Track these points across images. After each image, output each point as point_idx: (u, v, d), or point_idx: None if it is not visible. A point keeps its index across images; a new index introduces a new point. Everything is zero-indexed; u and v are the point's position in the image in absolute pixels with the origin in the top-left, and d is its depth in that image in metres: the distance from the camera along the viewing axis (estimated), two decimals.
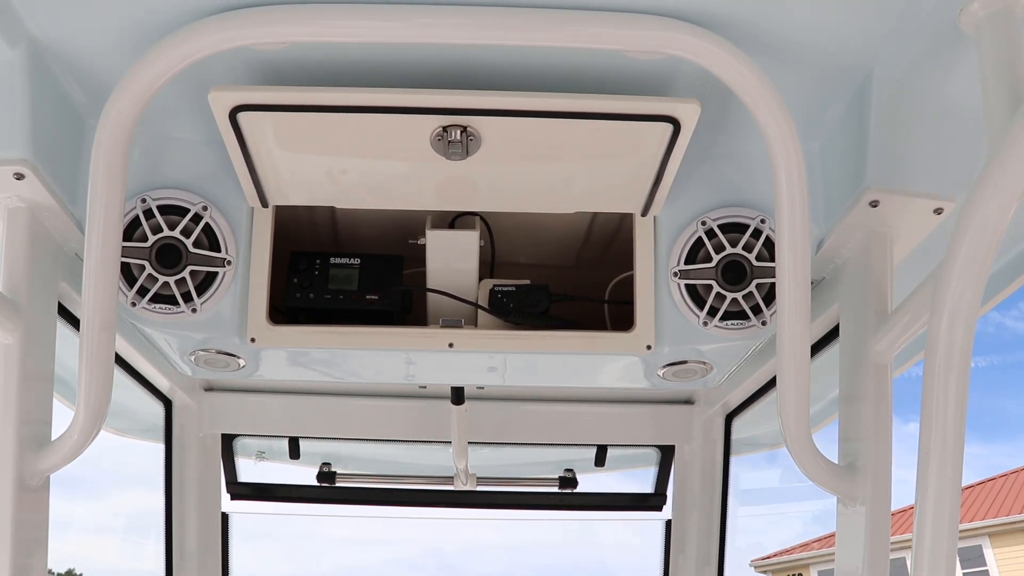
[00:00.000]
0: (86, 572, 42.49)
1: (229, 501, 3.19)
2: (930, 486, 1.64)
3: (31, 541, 1.90)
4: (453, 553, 37.31)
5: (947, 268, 1.53)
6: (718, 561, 3.14)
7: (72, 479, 7.31)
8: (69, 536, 35.05)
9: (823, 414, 2.86)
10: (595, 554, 24.57)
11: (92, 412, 1.85)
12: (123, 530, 22.55)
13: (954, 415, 1.60)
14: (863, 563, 1.88)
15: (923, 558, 1.67)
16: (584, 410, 3.10)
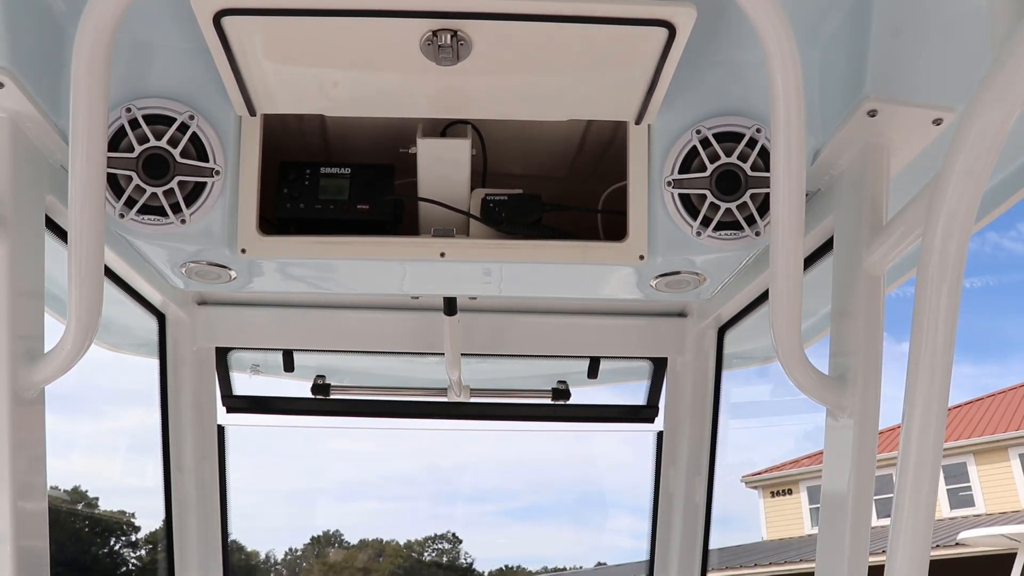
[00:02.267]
0: (91, 490, 43.08)
1: (225, 414, 3.22)
2: (918, 394, 1.66)
3: (31, 458, 1.92)
4: (449, 468, 37.33)
5: (943, 178, 1.51)
6: (708, 472, 3.19)
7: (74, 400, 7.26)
8: (73, 455, 35.31)
9: (814, 330, 2.88)
10: (588, 468, 24.58)
11: (83, 324, 1.85)
12: (125, 448, 22.56)
13: (945, 328, 1.61)
14: (850, 476, 1.91)
15: (908, 471, 1.69)
16: (577, 322, 3.11)
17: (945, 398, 1.67)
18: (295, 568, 65.14)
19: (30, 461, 1.91)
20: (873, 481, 1.94)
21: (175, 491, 3.11)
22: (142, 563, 40.43)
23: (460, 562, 69.42)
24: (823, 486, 2.05)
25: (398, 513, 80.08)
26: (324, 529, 67.49)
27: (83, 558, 39.05)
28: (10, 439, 1.84)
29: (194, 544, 3.13)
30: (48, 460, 1.99)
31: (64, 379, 1.96)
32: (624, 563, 29.05)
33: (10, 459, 1.84)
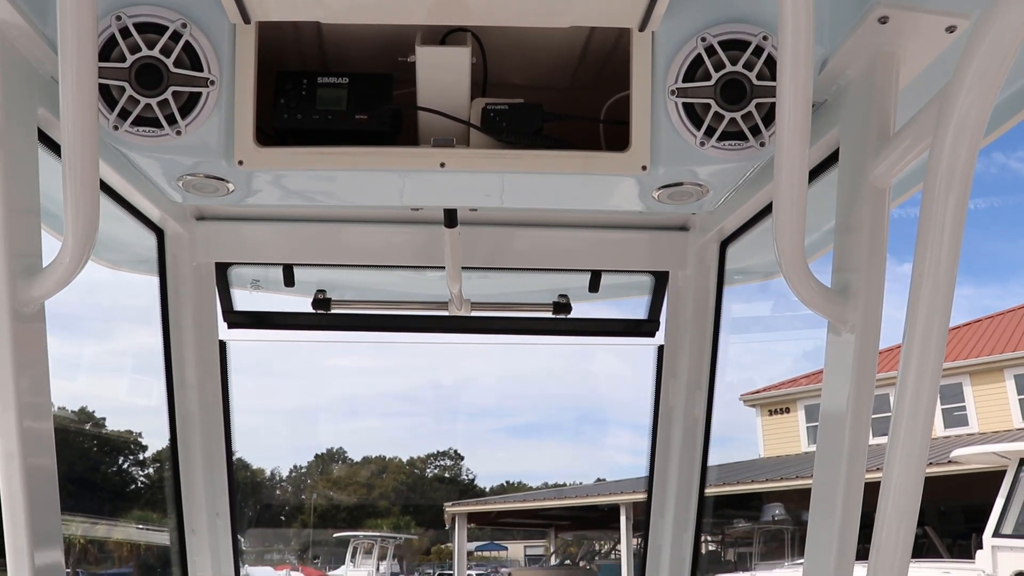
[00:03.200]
0: (98, 410, 43.64)
1: (226, 330, 3.23)
2: (922, 306, 1.65)
3: (34, 377, 1.93)
4: (450, 385, 37.79)
5: (955, 85, 1.48)
6: (708, 387, 3.21)
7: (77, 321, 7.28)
8: (79, 377, 35.77)
9: (817, 245, 2.86)
10: (588, 386, 24.85)
11: (80, 238, 1.84)
12: (130, 369, 22.93)
13: (950, 240, 1.60)
14: (850, 391, 1.92)
15: (908, 382, 1.69)
16: (578, 235, 3.08)
17: (948, 310, 1.66)
18: (300, 484, 66.50)
19: (34, 381, 1.92)
20: (872, 397, 1.94)
21: (179, 408, 3.13)
22: (150, 481, 41.29)
23: (462, 478, 70.89)
24: (822, 401, 2.06)
25: (400, 430, 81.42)
26: (328, 447, 68.79)
27: (92, 476, 39.85)
28: (12, 356, 1.85)
29: (199, 461, 3.17)
30: (54, 382, 2.00)
31: (67, 301, 1.96)
32: (623, 478, 29.61)
33: (14, 378, 1.85)
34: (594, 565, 31.81)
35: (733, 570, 20.62)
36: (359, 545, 33.17)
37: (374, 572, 31.47)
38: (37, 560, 1.90)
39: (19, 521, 1.86)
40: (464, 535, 28.98)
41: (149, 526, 29.51)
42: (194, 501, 3.17)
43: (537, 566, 37.70)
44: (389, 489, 64.01)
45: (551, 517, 33.09)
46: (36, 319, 1.94)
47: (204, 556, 3.19)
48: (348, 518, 53.94)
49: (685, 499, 3.29)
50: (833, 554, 1.99)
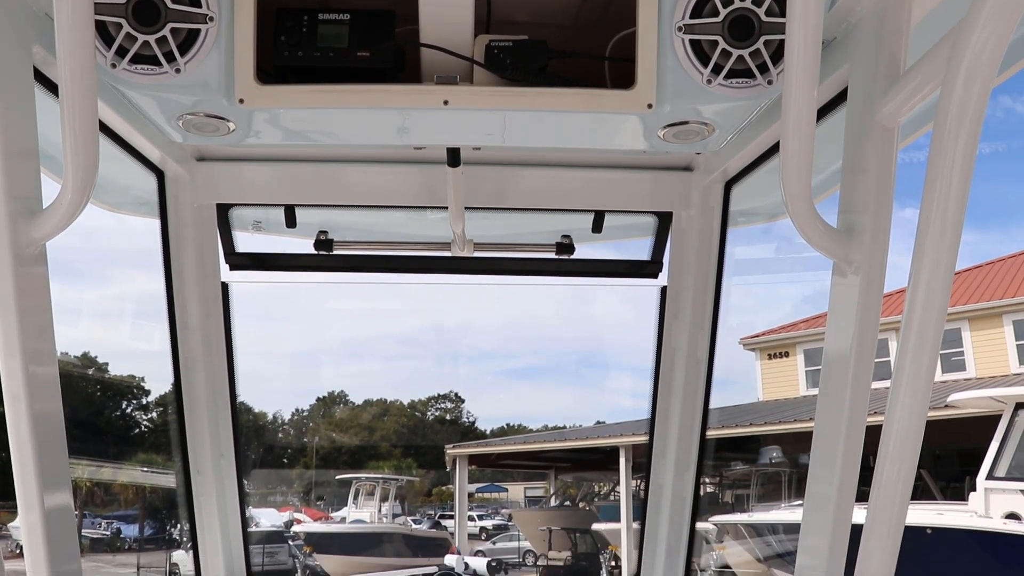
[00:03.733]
0: (101, 355, 43.77)
1: (228, 272, 3.22)
2: (928, 247, 1.64)
3: (38, 323, 1.92)
4: (452, 328, 37.89)
5: (969, 23, 1.45)
6: (711, 328, 3.21)
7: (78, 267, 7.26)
8: (81, 322, 35.87)
9: (823, 187, 2.84)
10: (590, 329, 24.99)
11: (80, 178, 1.82)
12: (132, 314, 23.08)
13: (959, 180, 1.58)
14: (853, 332, 1.92)
15: (912, 324, 1.69)
16: (582, 175, 3.06)
17: (955, 251, 1.65)
18: (302, 428, 67.18)
19: (38, 326, 1.92)
20: (876, 339, 1.95)
21: (182, 350, 3.14)
22: (153, 425, 41.67)
23: (463, 421, 71.54)
24: (826, 343, 2.07)
25: (401, 373, 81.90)
26: (329, 390, 69.33)
27: (97, 420, 40.19)
28: (15, 299, 1.84)
29: (203, 402, 3.19)
30: (56, 327, 2.00)
31: (68, 246, 1.94)
32: (623, 421, 29.90)
33: (18, 321, 1.85)
34: (593, 506, 32.25)
35: (730, 511, 20.90)
36: (361, 487, 33.61)
37: (376, 513, 31.92)
38: (47, 502, 1.92)
39: (28, 465, 1.88)
40: (465, 477, 29.35)
41: (154, 469, 29.91)
42: (199, 442, 3.20)
43: (537, 507, 38.25)
44: (390, 432, 64.64)
45: (551, 459, 33.47)
46: (38, 262, 1.93)
47: (210, 496, 3.23)
48: (350, 460, 54.58)
49: (687, 439, 3.32)
50: (833, 495, 2.01)
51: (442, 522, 37.29)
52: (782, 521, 14.96)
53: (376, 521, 31.28)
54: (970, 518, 11.71)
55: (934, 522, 11.55)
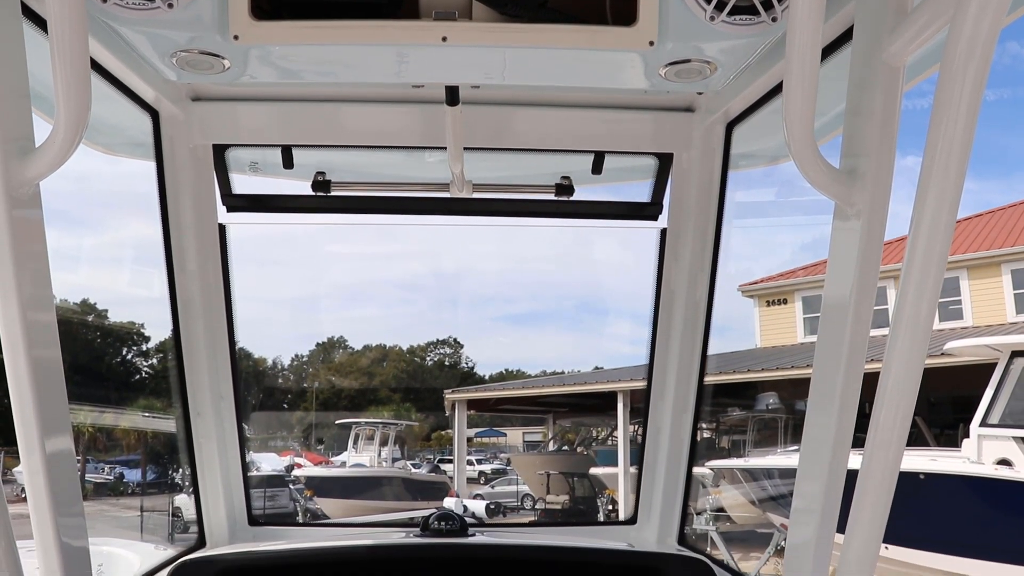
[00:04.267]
0: (100, 302, 43.76)
1: (225, 214, 3.20)
2: (932, 188, 1.62)
3: (35, 270, 1.90)
4: (450, 273, 37.90)
5: None
6: (711, 270, 3.20)
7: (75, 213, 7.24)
8: (80, 269, 35.70)
9: (825, 130, 2.80)
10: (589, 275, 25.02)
11: (73, 117, 1.79)
12: (131, 261, 22.90)
13: (965, 120, 1.56)
14: (854, 276, 1.90)
15: (913, 270, 1.68)
16: (582, 115, 3.02)
17: (959, 193, 1.64)
18: (302, 373, 67.58)
19: (34, 272, 1.90)
20: (876, 283, 1.93)
21: (180, 293, 3.13)
22: (154, 371, 41.85)
23: (462, 366, 71.95)
24: (825, 287, 2.05)
25: (400, 318, 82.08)
26: (329, 335, 69.58)
27: (97, 366, 40.34)
28: (11, 241, 1.82)
29: (202, 345, 3.18)
30: (55, 274, 1.98)
31: (65, 192, 1.91)
32: (622, 367, 30.05)
33: (14, 268, 1.83)
34: (591, 451, 32.56)
35: (727, 456, 21.12)
36: (361, 432, 33.89)
37: (376, 458, 32.24)
38: (48, 448, 1.93)
39: (28, 411, 1.88)
40: (464, 421, 29.57)
41: (155, 414, 30.12)
42: (198, 384, 3.20)
43: (535, 451, 38.63)
44: (390, 377, 65.03)
45: (549, 404, 33.69)
46: (32, 203, 1.91)
47: (210, 439, 3.25)
48: (350, 406, 55.00)
49: (685, 381, 3.32)
50: (830, 441, 2.01)
51: (441, 466, 37.69)
52: (778, 466, 15.12)
53: (376, 465, 31.60)
54: (963, 464, 11.84)
55: (927, 468, 11.69)
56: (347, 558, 2.81)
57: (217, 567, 2.69)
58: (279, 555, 2.79)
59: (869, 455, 1.83)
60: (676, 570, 2.75)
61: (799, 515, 2.19)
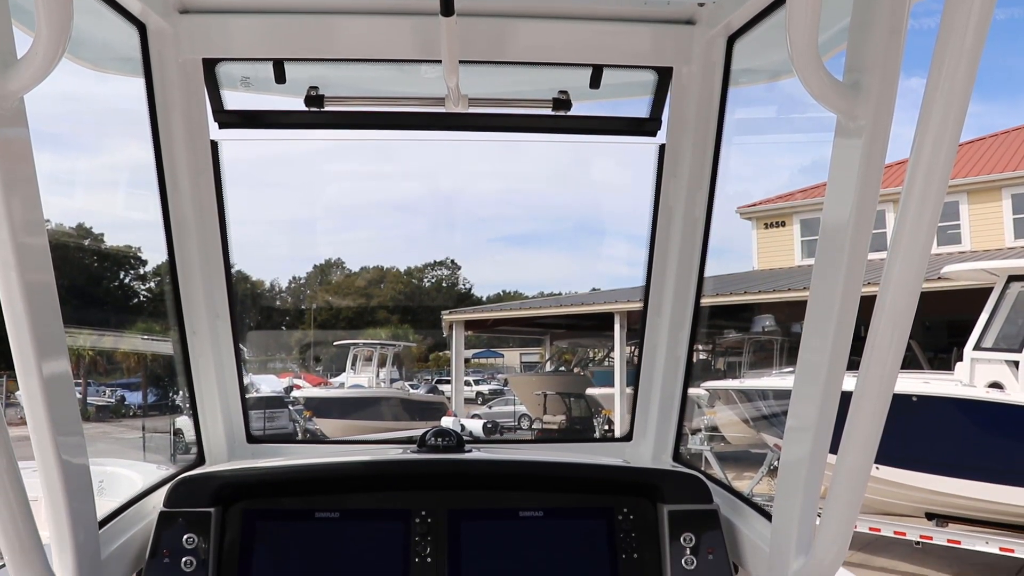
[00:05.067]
0: (96, 226, 43.81)
1: (217, 130, 3.14)
2: (936, 105, 1.59)
3: (25, 194, 1.86)
4: (446, 194, 37.78)
5: None
6: (709, 186, 3.16)
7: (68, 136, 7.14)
8: (75, 193, 35.60)
9: (828, 46, 2.72)
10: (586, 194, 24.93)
11: (55, 26, 1.73)
12: (126, 184, 22.76)
13: (973, 37, 1.52)
14: (854, 195, 1.88)
15: (914, 190, 1.65)
16: (580, 28, 2.94)
17: (963, 111, 1.60)
18: (299, 295, 67.84)
19: (24, 197, 1.87)
20: (876, 202, 1.91)
21: (173, 211, 3.09)
22: (152, 294, 41.95)
23: (459, 287, 72.25)
24: (825, 207, 2.03)
25: (397, 240, 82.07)
26: (326, 257, 69.69)
27: (95, 291, 40.45)
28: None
29: (196, 263, 3.16)
30: (49, 198, 1.95)
31: (57, 114, 1.86)
32: (618, 288, 30.16)
33: (3, 190, 1.80)
34: (588, 372, 32.91)
35: (722, 378, 21.34)
36: (359, 353, 34.19)
37: (374, 378, 32.58)
38: (44, 371, 1.93)
39: (23, 336, 1.87)
40: (461, 342, 29.79)
41: (154, 336, 30.30)
42: (193, 303, 3.19)
43: (533, 372, 39.02)
44: (387, 299, 65.32)
45: (547, 325, 33.93)
46: (17, 119, 1.86)
47: (206, 357, 3.25)
48: (348, 327, 55.37)
49: (682, 298, 3.32)
50: (825, 363, 2.02)
51: (439, 387, 38.13)
52: (772, 387, 15.28)
53: (374, 386, 31.97)
54: (955, 387, 11.97)
55: (920, 390, 11.81)
56: (344, 474, 2.84)
57: (215, 483, 2.72)
58: (277, 471, 2.82)
59: (863, 377, 1.83)
60: (671, 485, 2.78)
61: (793, 434, 2.20)
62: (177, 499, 2.68)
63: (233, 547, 2.65)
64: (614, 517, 2.75)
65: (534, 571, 2.65)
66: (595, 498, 2.79)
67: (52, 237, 1.99)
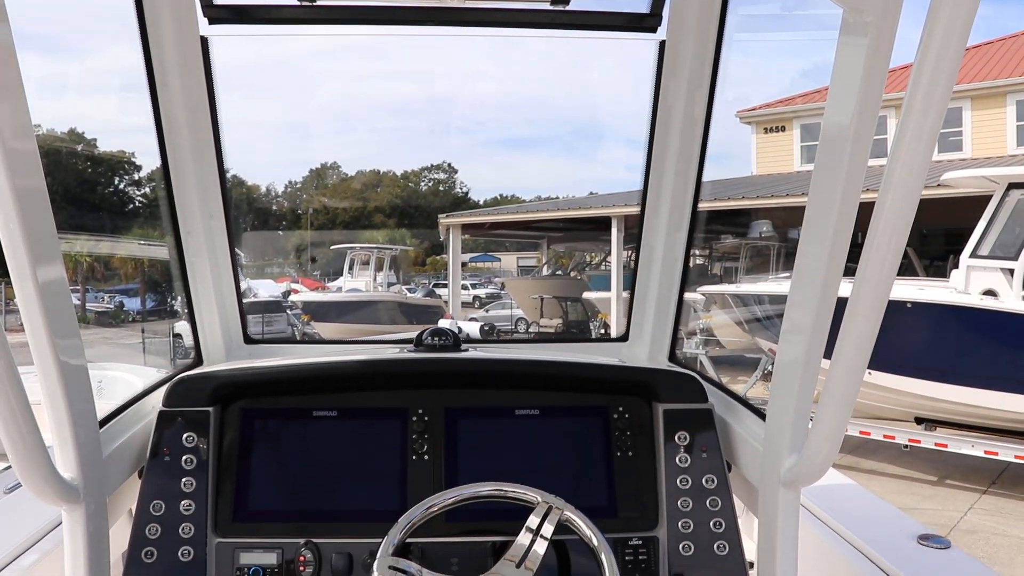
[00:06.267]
0: (88, 131, 43.30)
1: (207, 26, 3.05)
2: (943, 9, 1.54)
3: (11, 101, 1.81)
4: (442, 97, 37.30)
5: None
6: (710, 85, 3.09)
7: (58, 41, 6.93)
8: (66, 97, 35.04)
9: None
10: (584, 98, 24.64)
11: None
12: (118, 88, 22.66)
13: None
14: (857, 97, 1.83)
15: (917, 95, 1.61)
16: None
17: (972, 12, 1.55)
18: (295, 200, 67.48)
19: (11, 101, 1.82)
20: (879, 104, 1.87)
21: (164, 110, 3.03)
22: (147, 200, 41.67)
23: (456, 191, 71.92)
24: (826, 110, 1.98)
25: (393, 143, 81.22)
26: (322, 162, 69.10)
27: (91, 197, 40.17)
28: None
29: (189, 165, 3.11)
30: (39, 103, 1.89)
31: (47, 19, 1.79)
32: (616, 192, 30.01)
33: None
34: (584, 276, 33.04)
35: (719, 283, 21.42)
36: (356, 257, 34.23)
37: (371, 282, 32.70)
38: (40, 277, 1.92)
39: (17, 241, 1.85)
40: (458, 246, 29.80)
41: (150, 242, 30.22)
42: (187, 203, 3.16)
43: (530, 276, 39.16)
44: (384, 203, 65.04)
45: (544, 229, 33.88)
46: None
47: (202, 257, 3.24)
48: (345, 231, 55.25)
49: (680, 199, 3.29)
50: (822, 268, 2.01)
51: (436, 291, 38.31)
52: (768, 292, 15.36)
53: (371, 290, 32.11)
54: (949, 294, 12.02)
55: (914, 297, 11.87)
56: (341, 372, 2.86)
57: (213, 382, 2.74)
58: (274, 371, 2.84)
59: (860, 282, 1.83)
60: (667, 384, 2.80)
61: (788, 335, 2.21)
62: (176, 398, 2.71)
63: (232, 446, 2.69)
64: (609, 416, 2.77)
65: (530, 469, 2.69)
66: (591, 397, 2.81)
67: (43, 143, 1.95)
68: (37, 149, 1.91)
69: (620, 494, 2.68)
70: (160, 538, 2.53)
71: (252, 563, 2.55)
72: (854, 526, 2.94)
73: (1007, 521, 10.25)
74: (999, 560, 8.92)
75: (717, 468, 2.69)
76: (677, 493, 2.66)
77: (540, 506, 2.22)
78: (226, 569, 2.54)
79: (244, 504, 2.63)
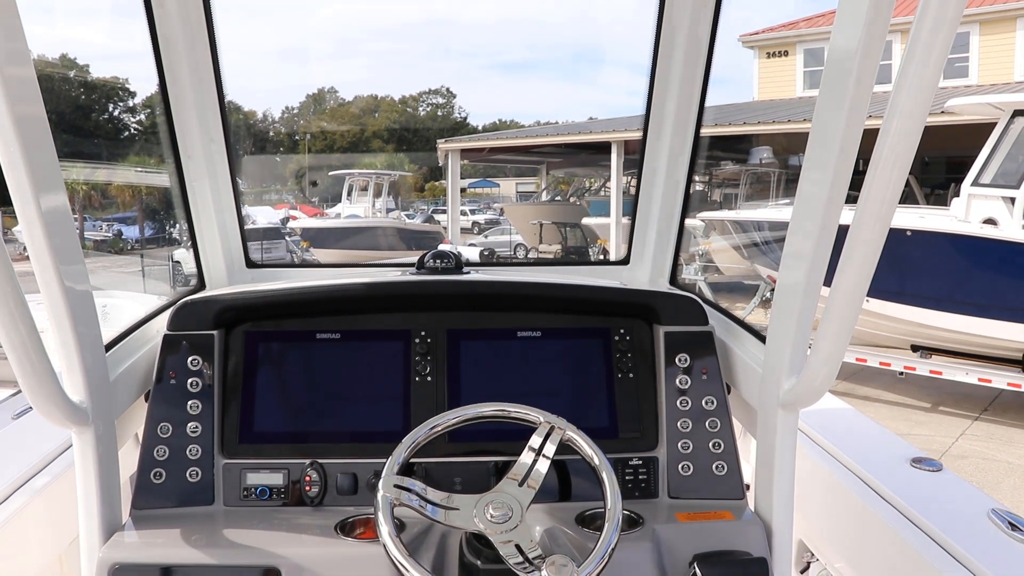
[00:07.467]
0: (80, 56, 42.42)
1: None
2: None
3: (6, 26, 1.78)
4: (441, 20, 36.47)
5: None
6: (715, 4, 3.02)
7: None
8: (56, 21, 34.26)
9: None
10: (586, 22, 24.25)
11: None
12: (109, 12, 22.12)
13: None
14: (864, 20, 1.81)
15: (926, 19, 1.59)
16: None
17: None
18: (293, 125, 66.76)
19: (7, 27, 1.79)
20: (887, 29, 1.84)
21: (160, 30, 2.97)
22: (143, 127, 41.18)
23: (454, 116, 71.12)
24: (832, 34, 1.94)
25: (391, 68, 79.95)
26: (319, 87, 68.16)
27: (85, 124, 39.67)
28: None
29: (188, 89, 3.07)
30: (30, 28, 1.87)
31: None
32: (616, 117, 29.68)
33: None
34: (584, 202, 32.88)
35: (718, 209, 21.34)
36: (355, 183, 34.00)
37: (370, 208, 32.56)
38: (43, 204, 1.92)
39: (18, 168, 1.84)
40: (457, 171, 29.57)
41: (147, 169, 29.93)
42: (187, 126, 3.13)
43: (529, 202, 38.98)
44: (382, 128, 64.39)
45: (543, 155, 33.62)
46: None
47: (202, 181, 3.22)
48: (343, 156, 54.82)
49: (683, 120, 3.26)
50: (824, 195, 2.00)
51: (435, 216, 38.18)
52: (768, 219, 15.31)
53: (370, 216, 31.99)
54: (949, 222, 11.98)
55: (915, 224, 11.82)
56: (345, 295, 2.87)
57: (217, 306, 2.75)
58: (278, 294, 2.84)
59: (862, 209, 1.83)
60: (667, 306, 2.82)
61: (789, 260, 2.22)
62: (180, 322, 2.73)
63: (237, 369, 2.72)
64: (610, 338, 2.80)
65: (532, 390, 2.72)
66: (592, 319, 2.83)
67: (36, 69, 1.93)
68: (35, 75, 1.89)
69: (621, 415, 2.72)
70: (168, 460, 2.58)
71: (259, 483, 2.60)
72: (849, 449, 2.99)
73: (996, 446, 10.43)
74: (987, 482, 9.12)
75: (717, 390, 2.72)
76: (677, 415, 2.70)
77: (542, 426, 2.25)
78: (233, 490, 2.60)
79: (250, 426, 2.67)
